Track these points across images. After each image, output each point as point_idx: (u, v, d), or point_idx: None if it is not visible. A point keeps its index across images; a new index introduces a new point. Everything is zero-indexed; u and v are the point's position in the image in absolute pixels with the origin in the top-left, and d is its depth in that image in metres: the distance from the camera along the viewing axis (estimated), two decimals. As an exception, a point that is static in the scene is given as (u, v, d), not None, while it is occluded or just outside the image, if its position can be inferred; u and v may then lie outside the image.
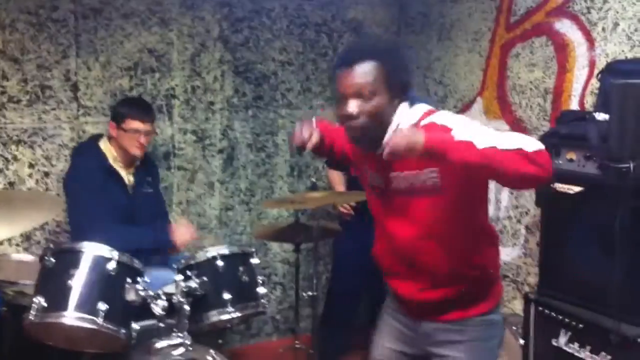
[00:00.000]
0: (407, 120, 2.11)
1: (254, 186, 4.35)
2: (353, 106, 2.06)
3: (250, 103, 4.28)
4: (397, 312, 2.42)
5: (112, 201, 3.44)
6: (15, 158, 3.68)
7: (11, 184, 3.68)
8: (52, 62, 3.70)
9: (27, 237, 3.71)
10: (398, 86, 2.11)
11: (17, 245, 3.74)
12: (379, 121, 2.09)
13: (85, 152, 3.57)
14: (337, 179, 4.10)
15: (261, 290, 2.87)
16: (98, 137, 3.58)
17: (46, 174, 3.75)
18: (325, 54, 4.47)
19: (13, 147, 3.67)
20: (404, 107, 2.14)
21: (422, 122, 2.09)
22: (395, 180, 2.17)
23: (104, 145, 3.52)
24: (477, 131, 1.93)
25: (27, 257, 3.60)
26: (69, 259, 2.58)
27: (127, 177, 3.56)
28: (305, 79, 4.42)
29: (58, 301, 2.51)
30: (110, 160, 3.49)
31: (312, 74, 4.44)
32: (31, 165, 3.72)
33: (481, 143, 1.86)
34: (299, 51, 4.38)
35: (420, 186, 2.12)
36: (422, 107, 2.15)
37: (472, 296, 2.24)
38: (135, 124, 3.44)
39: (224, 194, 4.29)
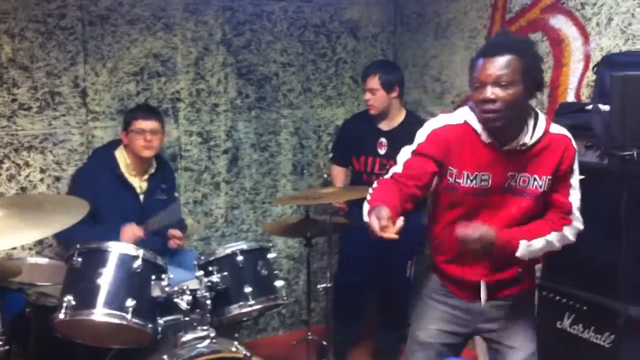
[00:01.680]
0: (541, 126, 2.38)
1: (258, 185, 4.45)
2: (491, 92, 2.25)
3: (253, 104, 4.39)
4: (447, 297, 2.61)
5: (121, 207, 3.55)
6: (26, 164, 3.76)
7: (23, 189, 3.76)
8: (61, 69, 3.78)
9: (39, 240, 3.77)
10: (532, 82, 2.29)
11: (30, 249, 3.82)
12: (514, 111, 2.29)
13: (99, 156, 3.69)
14: (340, 176, 4.20)
15: (279, 283, 2.98)
16: (116, 144, 3.68)
17: (57, 179, 3.84)
18: (324, 54, 4.57)
19: (24, 153, 3.75)
20: (541, 116, 2.42)
21: (552, 129, 2.40)
22: (509, 179, 2.40)
23: (119, 152, 3.63)
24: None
25: (42, 260, 3.70)
26: (96, 258, 2.67)
27: (140, 184, 3.66)
28: (305, 80, 4.53)
29: (87, 299, 2.60)
30: (122, 168, 3.59)
31: (312, 74, 4.55)
32: (42, 171, 3.80)
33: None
34: (298, 52, 4.48)
35: (529, 190, 2.40)
36: (542, 115, 2.43)
37: (524, 274, 2.55)
38: (139, 123, 3.57)
39: (229, 193, 4.39)
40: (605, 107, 2.65)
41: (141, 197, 3.66)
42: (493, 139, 2.36)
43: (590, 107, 2.82)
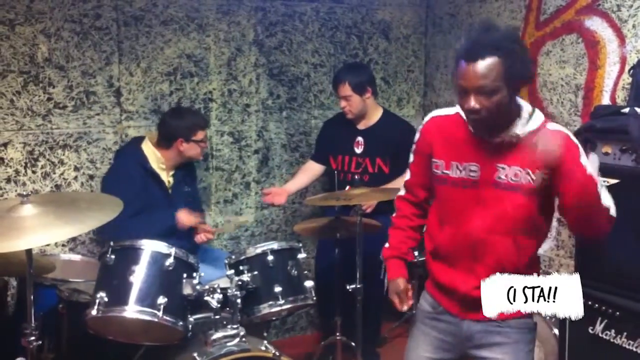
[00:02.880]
0: (536, 119, 2.24)
1: (289, 185, 4.46)
2: (475, 102, 2.15)
3: (284, 105, 4.41)
4: (438, 315, 2.44)
5: (151, 201, 3.59)
6: (61, 162, 3.82)
7: (57, 186, 3.82)
8: (96, 68, 3.83)
9: (72, 237, 3.82)
10: (518, 81, 2.19)
11: (63, 245, 3.87)
12: (500, 114, 2.18)
13: (127, 154, 3.72)
14: (307, 170, 4.19)
15: (308, 283, 2.99)
16: (140, 139, 3.72)
17: (91, 177, 3.89)
18: (355, 55, 4.58)
19: (59, 151, 3.81)
20: (527, 104, 2.27)
21: (549, 125, 2.24)
22: (499, 172, 2.25)
23: (146, 147, 3.66)
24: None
25: (75, 257, 3.77)
26: (128, 256, 2.71)
27: (167, 178, 3.70)
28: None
29: (120, 296, 2.64)
30: (152, 162, 3.63)
31: (344, 75, 4.55)
32: (76, 169, 3.86)
33: (599, 185, 2.13)
34: (330, 53, 4.49)
35: (521, 184, 2.23)
36: (540, 114, 2.28)
37: None
38: (202, 134, 3.68)
39: (259, 193, 4.40)
40: (640, 110, 2.62)
41: (169, 190, 3.72)
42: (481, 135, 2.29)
43: (626, 110, 2.78)
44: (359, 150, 4.03)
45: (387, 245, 2.57)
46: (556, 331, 3.20)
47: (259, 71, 4.29)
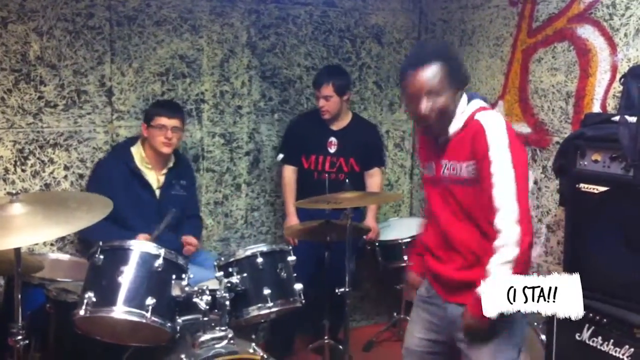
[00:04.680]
0: (465, 113, 2.43)
1: (279, 188, 4.46)
2: (423, 106, 2.37)
3: (276, 107, 4.41)
4: (430, 299, 2.64)
5: (135, 201, 3.60)
6: (51, 161, 3.81)
7: (47, 185, 3.81)
8: (88, 68, 3.82)
9: (61, 237, 3.81)
10: (459, 82, 2.40)
11: (52, 244, 3.86)
12: (447, 114, 2.40)
13: (115, 151, 3.77)
14: (293, 176, 4.22)
15: (297, 286, 2.99)
16: (134, 140, 3.73)
17: (81, 176, 3.88)
18: (348, 59, 4.58)
19: (49, 150, 3.80)
20: (463, 100, 2.45)
21: (476, 117, 2.40)
22: (444, 167, 2.47)
23: (135, 148, 3.68)
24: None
25: (64, 256, 3.75)
26: (117, 256, 2.69)
27: (157, 178, 3.69)
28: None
29: (108, 296, 2.62)
30: (137, 162, 3.64)
31: (336, 78, 4.55)
32: (66, 168, 3.85)
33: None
34: (323, 56, 4.50)
35: (460, 176, 2.42)
36: (477, 103, 2.47)
37: None
38: (162, 120, 3.62)
39: (250, 195, 4.41)
40: (632, 119, 2.62)
41: (157, 192, 3.70)
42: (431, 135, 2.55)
43: (616, 118, 2.79)
44: (332, 150, 4.14)
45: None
46: (543, 337, 3.20)
47: (252, 73, 4.29)
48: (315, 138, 4.15)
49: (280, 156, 4.24)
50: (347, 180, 3.55)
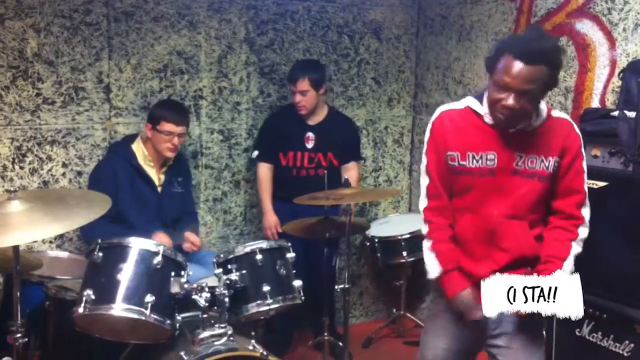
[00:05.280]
0: (544, 109, 2.44)
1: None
2: (515, 101, 2.29)
3: (275, 103, 4.39)
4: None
5: (139, 199, 3.59)
6: (49, 158, 3.80)
7: (45, 182, 3.80)
8: (86, 64, 3.81)
9: (60, 234, 3.81)
10: (552, 87, 2.42)
11: (51, 242, 3.85)
12: (530, 113, 2.37)
13: (115, 150, 3.73)
14: (269, 174, 4.17)
15: (297, 283, 2.98)
16: (133, 137, 3.71)
17: (79, 173, 3.87)
18: (346, 55, 4.57)
19: (47, 147, 3.79)
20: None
21: (554, 114, 2.47)
22: (518, 160, 2.41)
23: (136, 145, 3.66)
24: None
25: (62, 254, 3.73)
26: (116, 254, 2.68)
27: (158, 176, 3.68)
28: (327, 80, 4.51)
29: (107, 294, 2.62)
30: (139, 160, 3.62)
31: (335, 74, 4.54)
32: (65, 165, 3.84)
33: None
34: (321, 52, 4.48)
35: (537, 171, 2.40)
36: (543, 103, 2.46)
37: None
38: (170, 127, 3.58)
39: (249, 192, 4.40)
40: (631, 114, 2.62)
41: (159, 189, 3.70)
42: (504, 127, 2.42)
43: (615, 113, 2.79)
44: (309, 145, 4.12)
45: (435, 263, 2.50)
46: (543, 332, 3.20)
47: (250, 69, 4.28)
48: (292, 134, 4.11)
49: (256, 153, 4.19)
50: (310, 172, 3.55)
